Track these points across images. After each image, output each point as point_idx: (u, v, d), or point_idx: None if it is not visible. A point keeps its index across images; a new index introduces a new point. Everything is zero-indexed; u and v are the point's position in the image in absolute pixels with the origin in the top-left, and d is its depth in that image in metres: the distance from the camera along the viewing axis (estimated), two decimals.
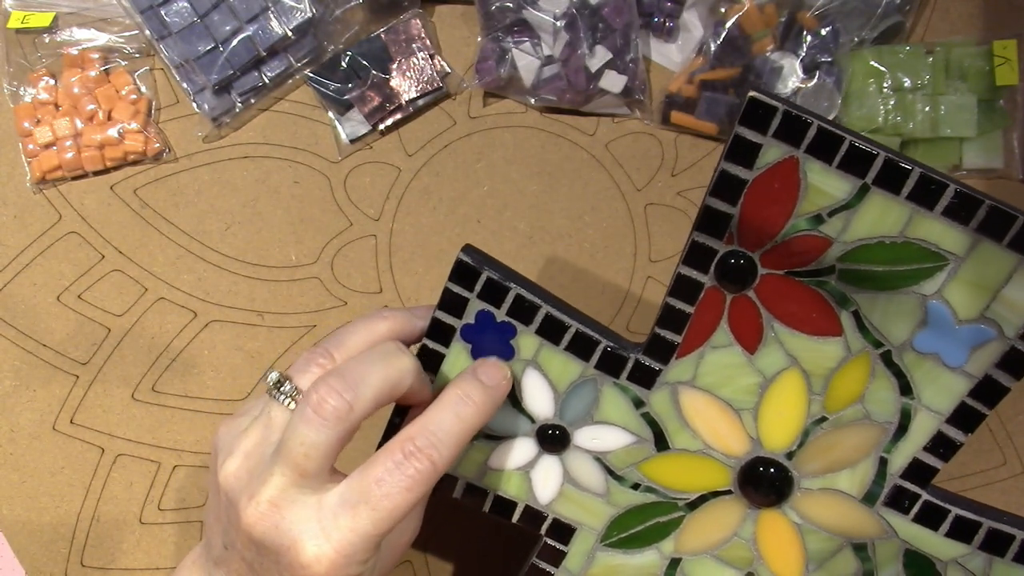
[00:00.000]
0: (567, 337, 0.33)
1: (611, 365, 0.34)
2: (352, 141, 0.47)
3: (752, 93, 0.28)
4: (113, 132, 0.47)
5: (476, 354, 0.34)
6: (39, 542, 0.48)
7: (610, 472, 0.35)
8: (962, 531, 0.33)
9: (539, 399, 0.35)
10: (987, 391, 0.31)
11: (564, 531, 0.36)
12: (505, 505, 0.36)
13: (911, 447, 0.33)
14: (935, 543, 0.34)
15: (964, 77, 0.44)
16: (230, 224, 0.48)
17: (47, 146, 0.47)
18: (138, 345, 0.48)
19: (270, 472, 0.29)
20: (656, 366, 0.33)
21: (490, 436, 0.36)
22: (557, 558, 0.37)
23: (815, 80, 0.44)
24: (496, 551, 0.47)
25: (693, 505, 0.35)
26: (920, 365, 0.31)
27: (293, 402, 0.31)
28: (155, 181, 0.48)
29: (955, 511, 0.33)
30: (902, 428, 0.32)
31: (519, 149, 0.47)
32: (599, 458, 0.35)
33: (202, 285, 0.48)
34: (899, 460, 0.33)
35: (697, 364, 0.33)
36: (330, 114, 0.47)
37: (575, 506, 0.36)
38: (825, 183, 0.29)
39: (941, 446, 0.32)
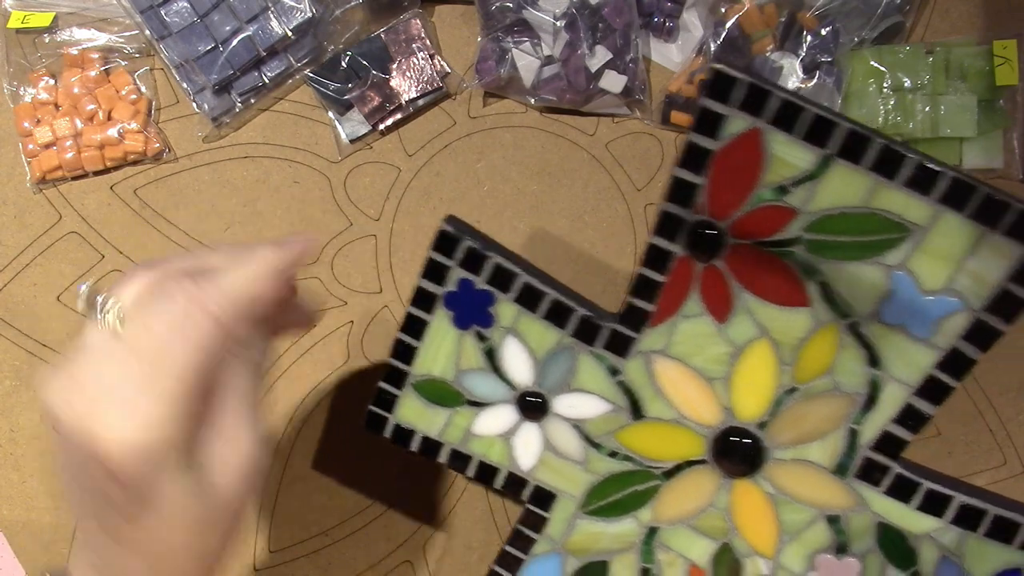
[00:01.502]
0: (544, 305, 0.34)
1: (587, 333, 0.34)
2: (352, 141, 0.47)
3: (716, 65, 0.29)
4: (113, 132, 0.47)
5: (459, 321, 0.35)
6: (39, 542, 0.48)
7: (588, 440, 0.36)
8: (934, 505, 0.33)
9: (519, 366, 0.35)
10: (954, 363, 0.31)
11: (545, 498, 0.37)
12: (489, 471, 0.37)
13: (880, 419, 0.33)
14: (907, 517, 0.34)
15: (964, 77, 0.44)
16: (230, 224, 0.48)
17: (47, 146, 0.47)
18: None
19: None
20: (630, 334, 0.34)
21: (473, 403, 0.36)
22: (539, 524, 0.37)
23: (815, 80, 0.44)
24: (496, 551, 0.47)
25: (669, 474, 0.36)
26: (887, 336, 0.31)
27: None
28: (155, 181, 0.48)
29: (927, 484, 0.33)
30: (871, 399, 0.32)
31: (519, 149, 0.47)
32: (577, 426, 0.36)
33: None
34: (869, 432, 0.33)
35: (670, 333, 0.34)
36: (330, 114, 0.47)
37: (555, 473, 0.36)
38: (788, 154, 0.29)
39: (910, 418, 0.32)
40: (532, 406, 0.36)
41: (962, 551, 0.33)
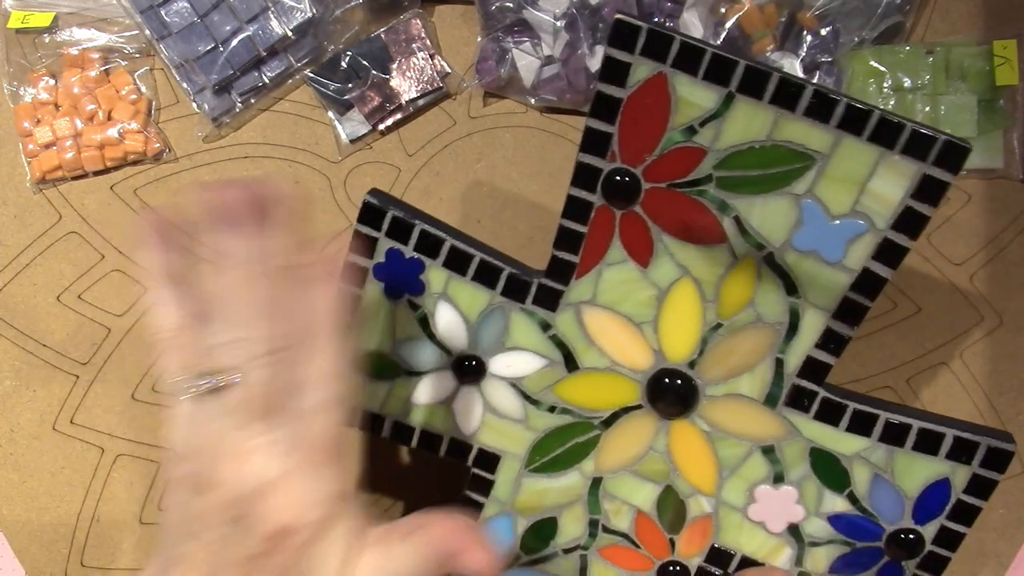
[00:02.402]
0: (472, 267, 0.35)
1: (516, 291, 0.35)
2: (352, 141, 0.47)
3: (618, 15, 0.30)
4: (113, 132, 0.47)
5: (389, 292, 0.36)
6: (39, 542, 0.48)
7: (526, 397, 0.36)
8: (861, 424, 0.34)
9: (453, 331, 0.36)
10: (867, 284, 0.32)
11: (489, 460, 0.37)
12: (432, 439, 0.37)
13: (803, 345, 0.34)
14: (837, 439, 0.35)
15: (964, 77, 0.44)
16: None
17: (47, 146, 0.47)
18: (138, 345, 0.48)
19: None
20: (558, 287, 0.35)
21: (411, 372, 0.37)
22: (486, 488, 0.38)
23: (815, 80, 0.44)
24: None
25: (608, 423, 0.36)
26: (802, 263, 0.32)
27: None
28: (155, 181, 0.48)
29: (852, 405, 0.34)
30: (792, 328, 0.33)
31: (519, 149, 0.47)
32: (515, 384, 0.36)
33: None
34: (794, 360, 0.34)
35: (596, 282, 0.34)
36: (330, 114, 0.47)
37: (497, 434, 0.37)
38: (693, 95, 0.31)
39: (831, 342, 0.33)
40: (469, 369, 0.36)
41: (891, 467, 0.34)
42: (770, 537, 0.36)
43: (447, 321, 0.36)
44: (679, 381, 0.35)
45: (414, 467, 0.47)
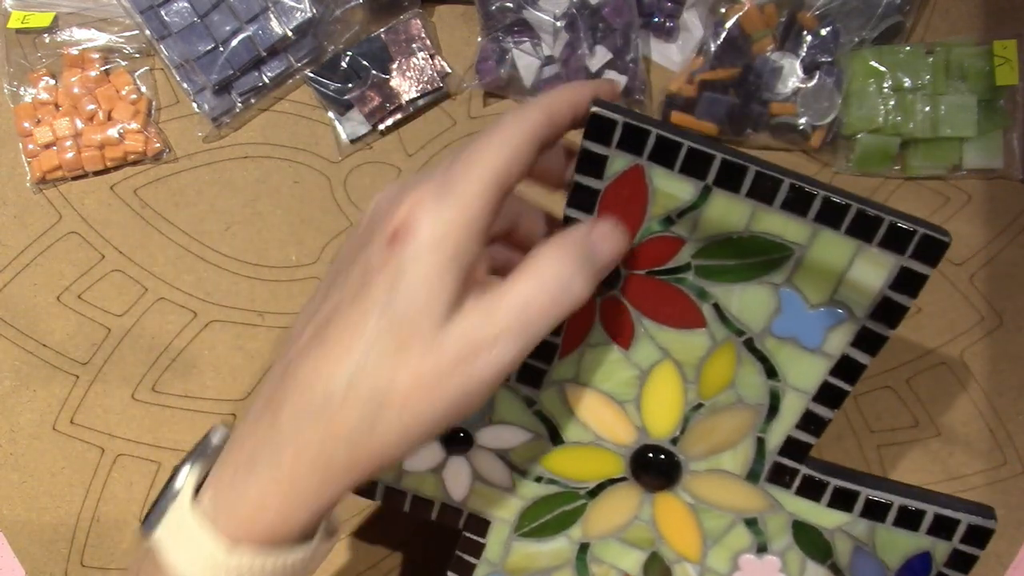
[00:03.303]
0: None
1: None
2: (352, 141, 0.47)
3: (594, 109, 0.30)
4: (113, 132, 0.47)
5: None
6: (39, 542, 0.48)
7: (514, 467, 0.36)
8: (842, 500, 0.34)
9: None
10: (846, 369, 0.32)
11: (480, 524, 0.38)
12: (423, 504, 0.38)
13: (784, 426, 0.34)
14: (819, 513, 0.35)
15: (964, 77, 0.44)
16: (230, 224, 0.48)
17: (47, 146, 0.47)
18: (138, 345, 0.48)
19: None
20: (542, 367, 0.35)
21: None
22: (477, 550, 0.38)
23: (815, 80, 0.44)
24: None
25: (593, 493, 0.36)
26: (781, 349, 0.33)
27: None
28: (155, 181, 0.48)
29: (834, 482, 0.34)
30: (773, 409, 0.34)
31: None
32: (502, 455, 0.36)
33: (202, 285, 0.48)
34: (775, 439, 0.34)
35: (578, 362, 0.35)
36: (330, 114, 0.48)
37: (486, 501, 0.37)
38: (670, 187, 0.30)
39: (811, 423, 0.34)
40: (457, 441, 0.36)
41: (873, 540, 0.35)
42: None
43: None
44: (662, 456, 0.35)
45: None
